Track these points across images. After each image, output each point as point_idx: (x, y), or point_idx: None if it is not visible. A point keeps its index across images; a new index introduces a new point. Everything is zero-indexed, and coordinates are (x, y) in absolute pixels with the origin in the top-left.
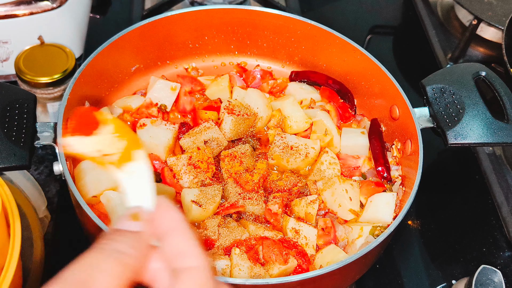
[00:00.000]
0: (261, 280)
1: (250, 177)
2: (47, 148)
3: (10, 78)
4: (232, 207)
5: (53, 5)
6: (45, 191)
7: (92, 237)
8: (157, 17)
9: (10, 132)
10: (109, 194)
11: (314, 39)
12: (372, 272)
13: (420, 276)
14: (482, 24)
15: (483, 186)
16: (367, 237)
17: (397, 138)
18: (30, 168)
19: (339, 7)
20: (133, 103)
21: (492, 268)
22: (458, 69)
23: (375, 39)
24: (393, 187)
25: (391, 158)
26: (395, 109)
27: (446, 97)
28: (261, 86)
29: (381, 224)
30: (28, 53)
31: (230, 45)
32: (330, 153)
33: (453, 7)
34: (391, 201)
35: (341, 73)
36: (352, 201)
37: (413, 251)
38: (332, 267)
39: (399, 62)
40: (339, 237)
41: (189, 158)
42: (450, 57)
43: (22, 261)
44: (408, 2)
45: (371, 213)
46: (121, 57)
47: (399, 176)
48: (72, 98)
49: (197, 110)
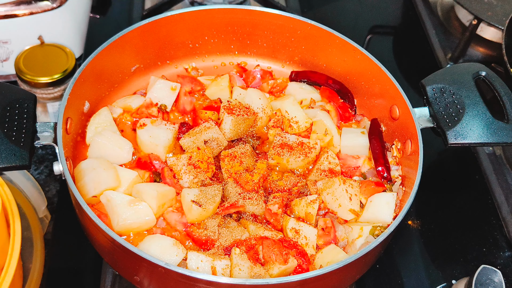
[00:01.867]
0: (261, 280)
1: (250, 177)
2: (47, 148)
3: (10, 78)
4: (232, 207)
5: (53, 5)
6: (45, 191)
7: (92, 237)
8: (157, 17)
9: (10, 132)
10: (109, 194)
11: (314, 39)
12: (372, 272)
13: (420, 276)
14: (482, 24)
15: (483, 186)
16: (367, 237)
17: (397, 138)
18: (30, 168)
19: (339, 7)
20: (133, 103)
21: (492, 268)
22: (458, 69)
23: (375, 39)
24: (393, 187)
25: (391, 158)
26: (395, 109)
27: (446, 97)
28: (261, 86)
29: (381, 224)
30: (28, 53)
31: (230, 45)
32: (330, 153)
33: (453, 7)
34: (391, 201)
35: (341, 73)
36: (352, 201)
37: (413, 251)
38: (332, 267)
39: (399, 62)
40: (339, 237)
41: (189, 158)
42: (450, 57)
43: (22, 261)
44: (408, 2)
45: (371, 213)
46: (121, 57)
47: (399, 176)
48: (72, 98)
49: (197, 110)
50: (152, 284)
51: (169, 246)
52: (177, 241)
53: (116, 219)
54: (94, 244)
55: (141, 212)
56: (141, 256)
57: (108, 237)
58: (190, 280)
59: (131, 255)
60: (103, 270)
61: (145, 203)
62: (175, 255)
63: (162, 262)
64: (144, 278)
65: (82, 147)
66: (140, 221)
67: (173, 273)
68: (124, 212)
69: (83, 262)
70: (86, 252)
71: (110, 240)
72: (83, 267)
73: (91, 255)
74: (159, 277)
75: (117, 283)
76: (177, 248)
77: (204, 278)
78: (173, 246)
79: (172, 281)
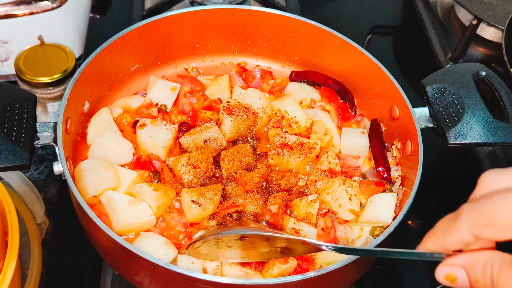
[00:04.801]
0: (261, 280)
1: (250, 177)
2: (47, 148)
3: (10, 78)
4: (232, 206)
5: (53, 5)
6: (45, 191)
7: (92, 237)
8: (157, 17)
9: (10, 132)
10: (109, 194)
11: (314, 39)
12: (372, 272)
13: (420, 276)
14: (482, 24)
15: None
16: (367, 237)
17: (397, 138)
18: (30, 168)
19: (339, 7)
20: (133, 103)
21: None
22: (458, 69)
23: (375, 39)
24: (393, 188)
25: (391, 158)
26: (395, 109)
27: (446, 97)
28: (261, 86)
29: (381, 224)
30: (28, 53)
31: (230, 45)
32: (330, 153)
33: (453, 7)
34: (391, 201)
35: (341, 73)
36: (352, 201)
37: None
38: (332, 267)
39: (399, 62)
40: (339, 237)
41: (189, 158)
42: (450, 57)
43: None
44: (408, 2)
45: (371, 213)
46: (121, 57)
47: (399, 176)
48: (72, 98)
49: (196, 110)
50: (152, 284)
51: (160, 245)
52: (168, 241)
53: (116, 219)
54: (94, 244)
55: (141, 212)
56: (141, 256)
57: (108, 237)
58: (190, 280)
59: (131, 255)
60: (103, 270)
61: (145, 203)
62: (165, 255)
63: (162, 262)
64: (144, 278)
65: (82, 147)
66: (140, 221)
67: (173, 273)
68: (124, 212)
69: (83, 262)
70: (86, 252)
71: (110, 240)
72: (83, 267)
73: (91, 255)
74: (159, 277)
75: (117, 283)
76: (168, 247)
77: (204, 278)
78: (164, 245)
79: (172, 281)
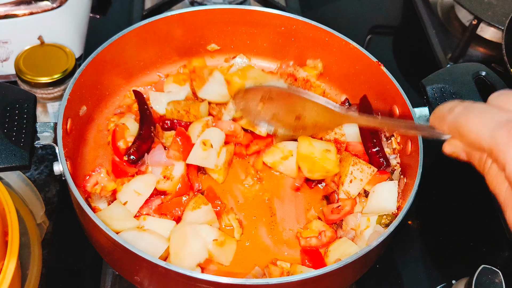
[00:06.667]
0: (261, 280)
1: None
2: (47, 148)
3: (10, 78)
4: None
5: (53, 5)
6: (45, 191)
7: (92, 237)
8: (157, 17)
9: (10, 132)
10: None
11: (314, 39)
12: (372, 272)
13: (420, 276)
14: (482, 24)
15: (483, 186)
16: (375, 226)
17: (398, 138)
18: (30, 168)
19: (339, 7)
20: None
21: (492, 268)
22: (458, 69)
23: (375, 39)
24: (393, 176)
25: (390, 150)
26: (395, 109)
27: (446, 97)
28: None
29: (387, 213)
30: (28, 53)
31: (230, 45)
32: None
33: (453, 7)
34: (393, 189)
35: (341, 73)
36: (352, 183)
37: (413, 251)
38: (332, 267)
39: (399, 62)
40: (346, 229)
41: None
42: (450, 57)
43: (19, 265)
44: (408, 2)
45: (375, 203)
46: (121, 57)
47: (397, 164)
48: (72, 98)
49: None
50: (152, 284)
51: (160, 245)
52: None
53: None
54: (94, 244)
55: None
56: (142, 256)
57: (108, 237)
58: (190, 280)
59: (131, 255)
60: (103, 270)
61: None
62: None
63: (162, 262)
64: (144, 278)
65: (82, 147)
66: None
67: (173, 273)
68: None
69: (83, 262)
70: (86, 252)
71: (110, 240)
72: (83, 267)
73: (91, 255)
74: (159, 277)
75: (117, 283)
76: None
77: (204, 278)
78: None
79: (172, 281)
